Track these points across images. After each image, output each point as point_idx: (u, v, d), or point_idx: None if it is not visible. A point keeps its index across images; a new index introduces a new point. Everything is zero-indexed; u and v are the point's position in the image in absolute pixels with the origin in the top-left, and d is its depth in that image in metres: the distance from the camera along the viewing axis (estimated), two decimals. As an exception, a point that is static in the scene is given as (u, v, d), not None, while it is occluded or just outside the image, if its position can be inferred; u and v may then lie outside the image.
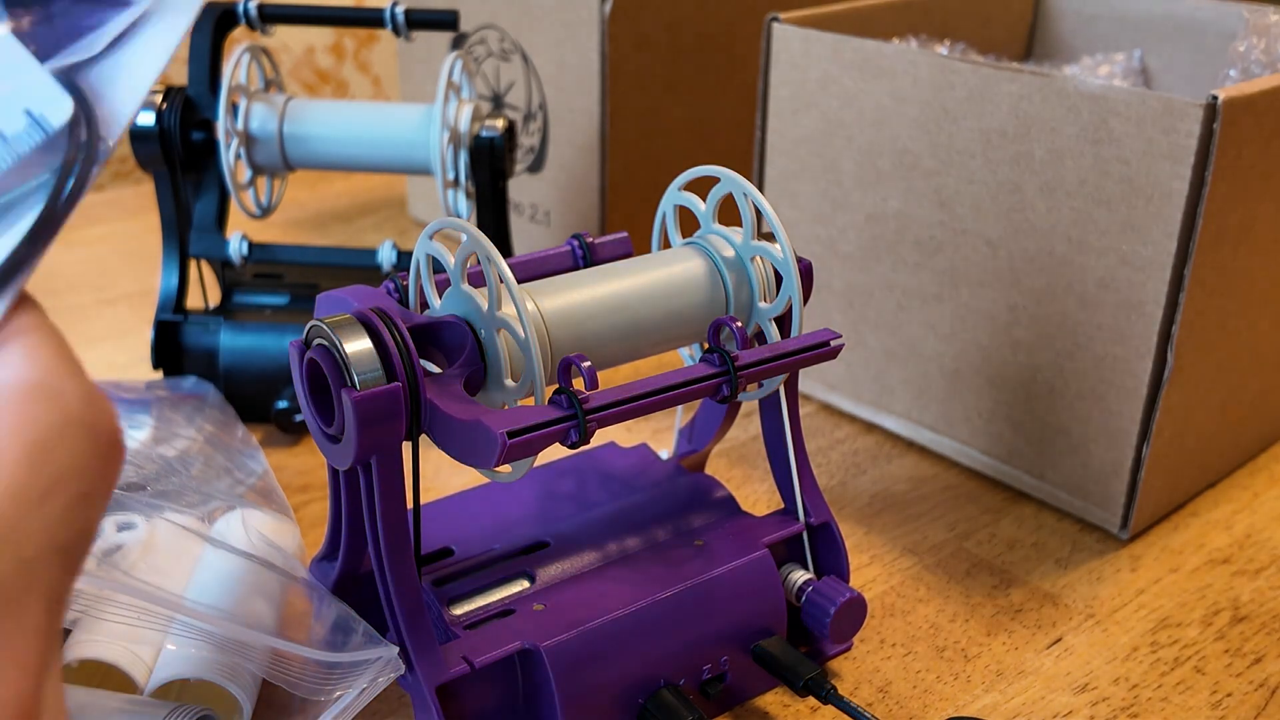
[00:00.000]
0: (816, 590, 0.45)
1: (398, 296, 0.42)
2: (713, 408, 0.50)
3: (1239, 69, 0.62)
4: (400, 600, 0.38)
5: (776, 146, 0.63)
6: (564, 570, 0.44)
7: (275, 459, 0.59)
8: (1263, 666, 0.47)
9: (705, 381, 0.40)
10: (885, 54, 0.57)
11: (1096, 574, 0.53)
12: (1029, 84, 0.52)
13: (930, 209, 0.57)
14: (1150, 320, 0.50)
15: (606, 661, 0.40)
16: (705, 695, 0.43)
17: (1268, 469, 0.62)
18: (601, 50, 0.71)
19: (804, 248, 0.64)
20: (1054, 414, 0.56)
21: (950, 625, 0.49)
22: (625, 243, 0.47)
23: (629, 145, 0.75)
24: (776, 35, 0.61)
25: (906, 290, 0.60)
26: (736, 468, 0.60)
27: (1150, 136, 0.48)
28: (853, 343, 0.63)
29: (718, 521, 0.47)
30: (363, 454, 0.37)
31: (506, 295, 0.38)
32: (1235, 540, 0.55)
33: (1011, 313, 0.56)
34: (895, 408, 0.63)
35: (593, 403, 0.37)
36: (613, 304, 0.41)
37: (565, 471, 0.51)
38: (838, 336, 0.43)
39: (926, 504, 0.58)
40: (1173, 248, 0.49)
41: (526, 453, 0.36)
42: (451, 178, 0.63)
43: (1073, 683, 0.46)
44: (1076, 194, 0.51)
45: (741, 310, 0.44)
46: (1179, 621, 0.50)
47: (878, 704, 0.45)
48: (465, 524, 0.47)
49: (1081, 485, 0.56)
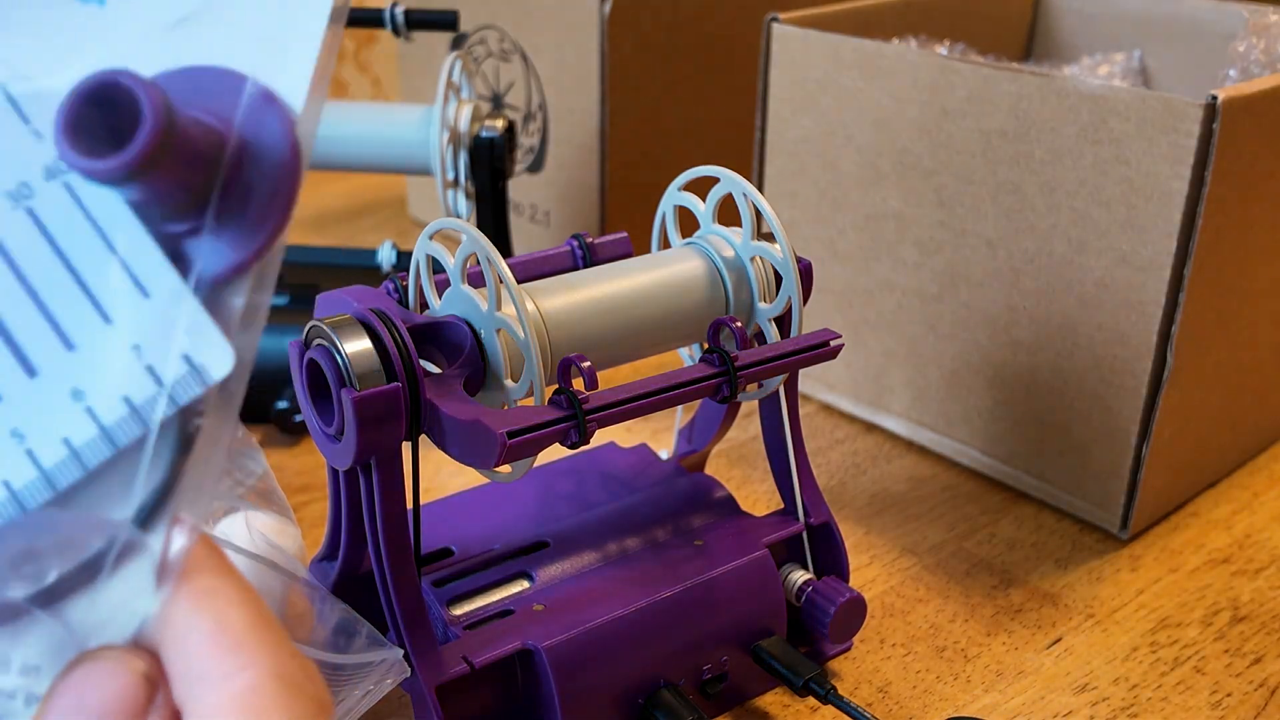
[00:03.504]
0: (816, 590, 0.45)
1: (397, 297, 0.42)
2: (712, 408, 0.50)
3: (1239, 69, 0.62)
4: (400, 600, 0.38)
5: (776, 146, 0.63)
6: (564, 570, 0.44)
7: (275, 459, 0.59)
8: (1263, 666, 0.47)
9: (705, 381, 0.40)
10: (885, 54, 0.57)
11: (1096, 574, 0.53)
12: (1029, 84, 0.52)
13: (930, 209, 0.57)
14: (1150, 320, 0.50)
15: (606, 661, 0.40)
16: (705, 695, 0.43)
17: (1268, 469, 0.62)
18: (601, 50, 0.71)
19: (804, 248, 0.64)
20: (1054, 414, 0.56)
21: (950, 625, 0.49)
22: (625, 243, 0.47)
23: (629, 145, 0.75)
24: (776, 35, 0.61)
25: (906, 290, 0.60)
26: (736, 468, 0.60)
27: (1150, 136, 0.48)
28: (852, 343, 0.63)
29: (717, 521, 0.47)
30: (363, 454, 0.37)
31: (506, 295, 0.38)
32: (1235, 540, 0.55)
33: (1011, 313, 0.56)
34: (895, 408, 0.63)
35: (592, 403, 0.37)
36: (612, 304, 0.41)
37: (565, 471, 0.51)
38: (837, 336, 0.43)
39: (926, 504, 0.58)
40: (1173, 248, 0.49)
41: (526, 453, 0.36)
42: (451, 178, 0.63)
43: (1072, 683, 0.46)
44: (1076, 194, 0.51)
45: (741, 310, 0.44)
46: (1179, 621, 0.50)
47: (877, 704, 0.45)
48: (465, 524, 0.47)
49: (1081, 485, 0.56)
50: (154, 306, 0.22)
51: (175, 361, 0.22)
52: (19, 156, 0.22)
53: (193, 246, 0.22)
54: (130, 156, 0.20)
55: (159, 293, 0.22)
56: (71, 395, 0.22)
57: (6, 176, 0.22)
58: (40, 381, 0.22)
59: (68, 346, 0.22)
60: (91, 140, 0.21)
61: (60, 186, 0.22)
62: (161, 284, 0.22)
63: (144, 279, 0.22)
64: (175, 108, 0.20)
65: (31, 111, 0.22)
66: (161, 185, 0.21)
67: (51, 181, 0.22)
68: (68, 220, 0.22)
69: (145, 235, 0.22)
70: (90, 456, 0.22)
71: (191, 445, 0.22)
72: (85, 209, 0.22)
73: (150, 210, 0.22)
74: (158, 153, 0.20)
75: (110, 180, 0.21)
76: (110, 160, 0.20)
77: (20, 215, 0.22)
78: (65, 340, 0.22)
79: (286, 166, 0.22)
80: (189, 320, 0.22)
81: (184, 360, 0.22)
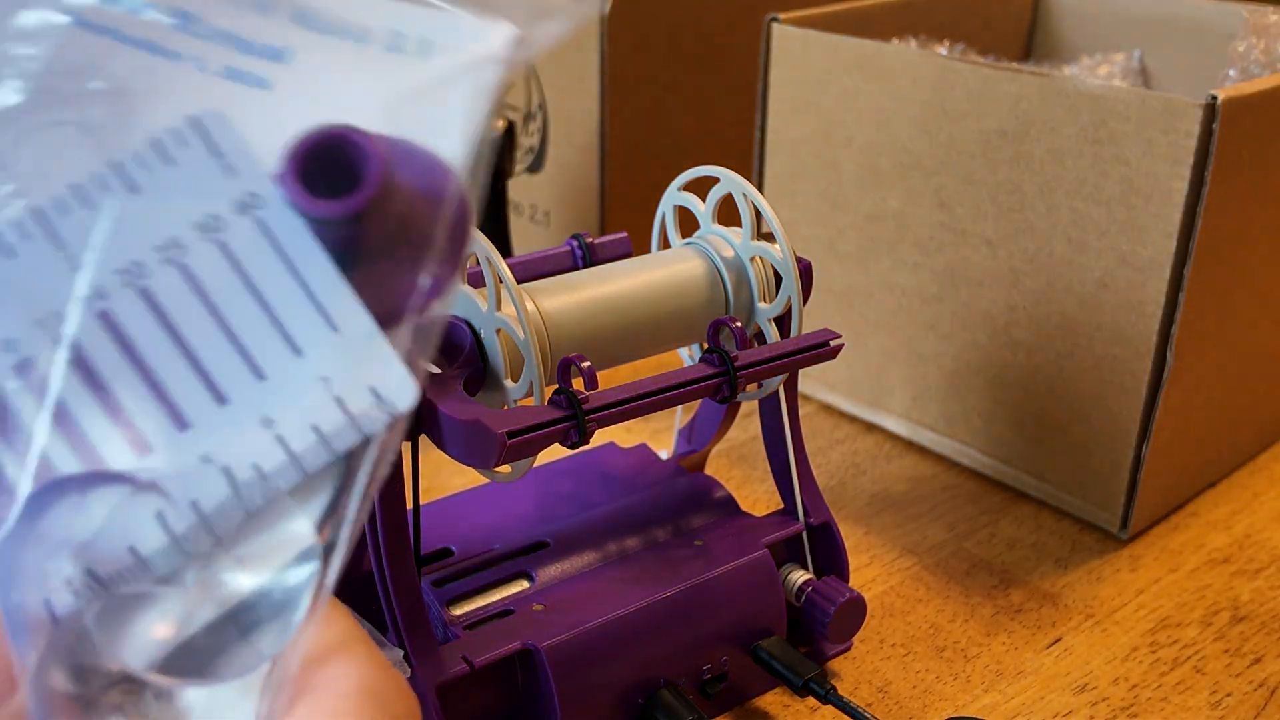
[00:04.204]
0: (816, 590, 0.45)
1: (397, 297, 0.42)
2: (712, 408, 0.50)
3: (1239, 69, 0.62)
4: (400, 600, 0.38)
5: (776, 146, 0.63)
6: (564, 570, 0.44)
7: (275, 459, 0.59)
8: (1262, 666, 0.47)
9: (705, 382, 0.40)
10: (885, 54, 0.57)
11: (1096, 574, 0.53)
12: (1029, 84, 0.52)
13: (930, 209, 0.57)
14: (1150, 320, 0.50)
15: (606, 661, 0.40)
16: (705, 695, 0.43)
17: (1268, 469, 0.62)
18: (601, 50, 0.71)
19: (804, 248, 0.64)
20: (1054, 414, 0.56)
21: (950, 625, 0.49)
22: (625, 243, 0.47)
23: (629, 145, 0.75)
24: (776, 35, 0.61)
25: (906, 290, 0.60)
26: (736, 468, 0.60)
27: (1150, 136, 0.48)
28: (852, 343, 0.63)
29: (717, 521, 0.47)
30: (362, 454, 0.37)
31: (506, 295, 0.38)
32: (1235, 540, 0.55)
33: (1011, 313, 0.56)
34: (895, 408, 0.63)
35: (592, 403, 0.37)
36: (612, 304, 0.41)
37: (565, 471, 0.51)
38: (837, 336, 0.43)
39: (926, 504, 0.58)
40: (1172, 248, 0.49)
41: (526, 453, 0.36)
42: (451, 178, 0.63)
43: (1072, 683, 0.46)
44: (1076, 194, 0.51)
45: (741, 310, 0.44)
46: (1178, 621, 0.50)
47: (877, 704, 0.45)
48: (465, 524, 0.47)
49: (1081, 485, 0.56)
50: (342, 340, 0.22)
51: (363, 393, 0.22)
52: (210, 189, 0.23)
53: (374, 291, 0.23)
54: (357, 202, 0.21)
55: (348, 328, 0.22)
56: (261, 423, 0.22)
57: (196, 208, 0.22)
58: (230, 409, 0.22)
59: (258, 376, 0.22)
60: (314, 189, 0.22)
61: (252, 222, 0.22)
62: (350, 319, 0.22)
63: (333, 314, 0.22)
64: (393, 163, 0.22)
65: (222, 143, 0.23)
66: (367, 234, 0.22)
67: (243, 216, 0.22)
68: (258, 254, 0.22)
69: (334, 272, 0.22)
70: (279, 480, 0.22)
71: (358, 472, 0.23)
72: (276, 244, 0.22)
73: (345, 261, 0.23)
74: (379, 203, 0.21)
75: (330, 221, 0.22)
76: (337, 202, 0.22)
77: (210, 247, 0.22)
78: (256, 370, 0.22)
79: (462, 223, 0.23)
80: (376, 354, 0.22)
81: (370, 392, 0.22)
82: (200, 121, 0.23)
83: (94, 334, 0.22)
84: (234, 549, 0.22)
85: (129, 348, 0.22)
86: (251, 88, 0.23)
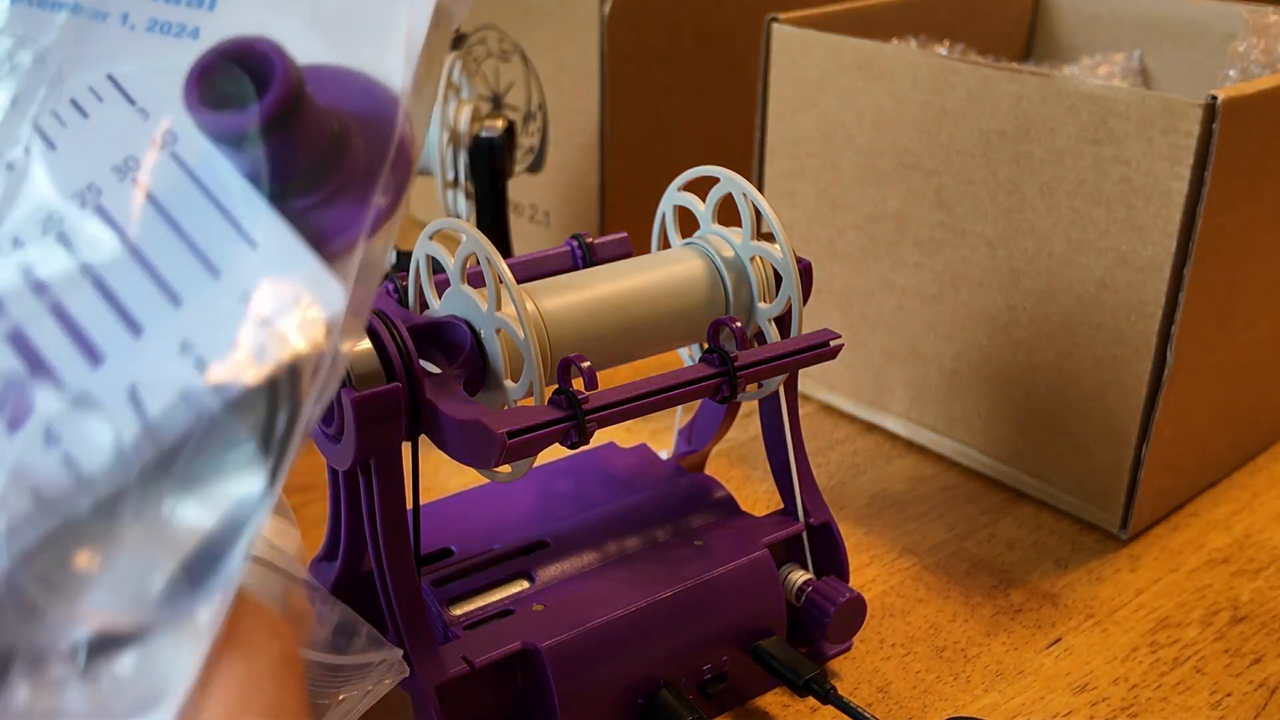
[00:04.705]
0: (816, 590, 0.45)
1: (397, 297, 0.42)
2: (712, 408, 0.50)
3: (1239, 69, 0.62)
4: (400, 600, 0.38)
5: (776, 146, 0.63)
6: (564, 570, 0.44)
7: (275, 459, 0.59)
8: (1262, 666, 0.47)
9: (705, 382, 0.40)
10: (885, 54, 0.57)
11: (1096, 574, 0.53)
12: (1029, 84, 0.52)
13: (930, 209, 0.57)
14: (1150, 320, 0.50)
15: (606, 661, 0.40)
16: (705, 695, 0.43)
17: (1268, 469, 0.62)
18: (601, 50, 0.71)
19: (803, 248, 0.64)
20: (1054, 414, 0.56)
21: (950, 625, 0.49)
22: (625, 243, 0.47)
23: (629, 145, 0.75)
24: (776, 35, 0.61)
25: (906, 290, 0.60)
26: (736, 468, 0.60)
27: (1150, 136, 0.48)
28: (852, 343, 0.63)
29: (717, 522, 0.47)
30: (362, 454, 0.37)
31: (506, 295, 0.38)
32: (1235, 540, 0.55)
33: (1011, 313, 0.56)
34: (895, 408, 0.63)
35: (592, 403, 0.37)
36: (612, 304, 0.41)
37: (565, 471, 0.51)
38: (837, 336, 0.43)
39: (926, 504, 0.58)
40: (1172, 248, 0.49)
41: (526, 453, 0.36)
42: (451, 178, 0.63)
43: (1072, 683, 0.46)
44: (1076, 194, 0.51)
45: (741, 310, 0.44)
46: (1178, 621, 0.50)
47: (877, 704, 0.45)
48: (465, 524, 0.47)
49: (1081, 485, 0.56)
50: (260, 255, 0.22)
51: (286, 303, 0.22)
52: (126, 133, 0.23)
53: (310, 221, 0.23)
54: (263, 108, 0.21)
55: (266, 243, 0.22)
56: (180, 348, 0.22)
57: (113, 152, 0.23)
58: (145, 339, 0.22)
59: (175, 303, 0.22)
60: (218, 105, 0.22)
61: (168, 156, 0.23)
62: (268, 234, 0.22)
63: (250, 231, 0.22)
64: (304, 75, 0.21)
65: (135, 92, 0.23)
66: (284, 151, 0.22)
67: (161, 152, 0.23)
68: (173, 186, 0.23)
69: (251, 191, 0.22)
70: (205, 402, 0.22)
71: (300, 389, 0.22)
72: (190, 172, 0.23)
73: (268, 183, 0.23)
74: (288, 110, 0.21)
75: (238, 135, 0.22)
76: (242, 113, 0.21)
77: (125, 186, 0.23)
78: (172, 297, 0.22)
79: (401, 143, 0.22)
80: (298, 264, 0.22)
81: (295, 302, 0.22)
82: (115, 78, 0.23)
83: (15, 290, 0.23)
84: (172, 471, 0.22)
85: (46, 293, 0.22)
86: (181, 38, 0.23)
